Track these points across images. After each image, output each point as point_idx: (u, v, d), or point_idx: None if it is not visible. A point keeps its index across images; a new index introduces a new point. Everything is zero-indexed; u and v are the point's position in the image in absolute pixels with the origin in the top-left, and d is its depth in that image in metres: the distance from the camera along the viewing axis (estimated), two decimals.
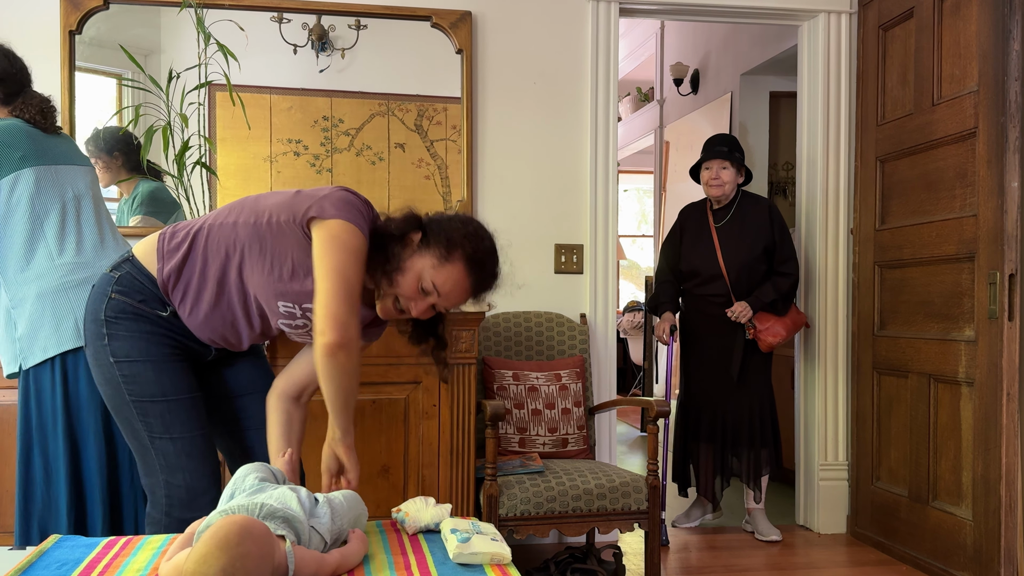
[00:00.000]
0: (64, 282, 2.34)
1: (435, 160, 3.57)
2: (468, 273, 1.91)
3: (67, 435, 2.34)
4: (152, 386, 1.96)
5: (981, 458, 2.99)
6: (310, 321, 1.91)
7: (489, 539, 1.68)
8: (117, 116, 3.35)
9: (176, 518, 2.00)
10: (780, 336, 3.61)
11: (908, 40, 3.45)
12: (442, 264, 1.89)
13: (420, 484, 2.92)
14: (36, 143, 2.38)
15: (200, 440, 2.01)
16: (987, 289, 2.96)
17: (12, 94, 2.42)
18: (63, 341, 2.32)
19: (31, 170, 2.33)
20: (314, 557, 1.52)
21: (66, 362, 2.33)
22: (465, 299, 1.96)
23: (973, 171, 3.06)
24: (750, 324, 3.62)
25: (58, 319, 2.32)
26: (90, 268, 2.38)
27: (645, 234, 9.90)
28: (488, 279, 1.98)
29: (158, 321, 1.98)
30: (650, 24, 6.64)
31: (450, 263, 1.89)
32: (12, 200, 2.32)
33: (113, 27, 3.33)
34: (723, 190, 3.69)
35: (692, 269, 3.76)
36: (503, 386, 3.24)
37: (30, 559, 1.63)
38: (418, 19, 3.53)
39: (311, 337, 1.92)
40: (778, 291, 3.63)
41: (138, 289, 1.97)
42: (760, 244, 3.67)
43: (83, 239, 2.42)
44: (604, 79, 3.66)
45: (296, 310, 1.94)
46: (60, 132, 2.53)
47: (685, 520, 3.92)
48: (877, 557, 3.50)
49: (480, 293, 1.98)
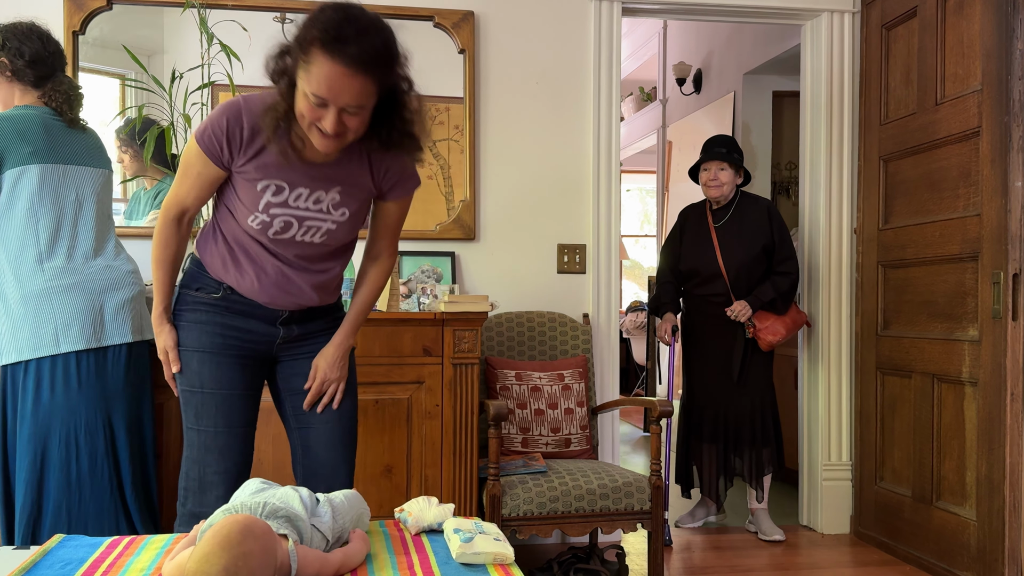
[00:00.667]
0: (49, 287, 2.32)
1: (438, 160, 3.57)
2: (332, 57, 1.66)
3: (33, 440, 2.33)
4: (193, 376, 2.02)
5: (985, 458, 2.99)
6: (270, 220, 1.92)
7: (492, 539, 1.68)
8: (120, 116, 3.35)
9: (188, 511, 2.03)
10: (780, 335, 3.63)
11: (911, 39, 3.45)
12: (307, 70, 1.69)
13: (423, 484, 2.92)
14: (51, 139, 2.37)
15: (224, 437, 2.02)
16: (991, 289, 2.95)
17: (43, 77, 2.43)
18: (39, 346, 2.31)
19: (37, 167, 2.33)
20: (317, 556, 1.52)
21: (41, 368, 2.32)
22: (361, 85, 1.70)
23: (977, 170, 3.05)
24: (750, 323, 3.63)
25: (38, 324, 2.31)
26: (78, 275, 2.37)
27: (648, 234, 9.90)
28: (363, 48, 1.68)
29: (217, 306, 2.02)
30: (652, 24, 6.64)
31: (312, 63, 1.68)
32: (14, 194, 2.31)
33: (116, 27, 3.34)
34: (721, 191, 3.70)
35: (692, 269, 3.77)
36: (506, 386, 3.24)
37: (34, 558, 1.63)
38: (420, 19, 3.54)
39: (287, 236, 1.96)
40: (777, 290, 3.64)
41: (194, 277, 2.05)
42: (759, 244, 3.68)
43: (76, 246, 2.40)
44: (607, 79, 3.66)
45: (258, 217, 1.93)
46: (85, 128, 2.52)
47: (689, 520, 3.92)
48: (880, 557, 3.50)
49: (370, 67, 1.70)
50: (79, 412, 2.35)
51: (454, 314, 2.88)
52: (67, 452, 2.34)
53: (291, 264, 2.01)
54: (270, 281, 2.01)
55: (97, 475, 2.38)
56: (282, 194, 1.91)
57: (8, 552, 1.80)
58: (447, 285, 3.37)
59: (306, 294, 2.05)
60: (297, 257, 2.00)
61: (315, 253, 2.02)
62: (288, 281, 2.02)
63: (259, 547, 1.36)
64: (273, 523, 1.49)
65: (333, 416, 2.12)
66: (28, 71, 2.40)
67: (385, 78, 1.76)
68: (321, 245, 2.00)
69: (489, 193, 3.61)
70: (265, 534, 1.39)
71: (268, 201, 1.90)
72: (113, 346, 2.42)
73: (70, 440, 2.34)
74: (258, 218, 1.92)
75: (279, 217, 1.92)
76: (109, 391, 2.41)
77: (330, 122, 1.73)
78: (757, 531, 3.76)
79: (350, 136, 1.80)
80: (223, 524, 1.38)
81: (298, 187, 1.91)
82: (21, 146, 2.30)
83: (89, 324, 2.36)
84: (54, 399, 2.33)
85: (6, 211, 2.32)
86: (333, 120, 1.73)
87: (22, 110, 2.37)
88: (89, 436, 2.37)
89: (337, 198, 1.96)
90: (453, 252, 3.54)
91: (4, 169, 2.30)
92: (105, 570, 1.58)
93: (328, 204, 1.95)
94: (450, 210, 3.57)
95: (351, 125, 1.76)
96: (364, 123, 1.79)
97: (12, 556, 1.76)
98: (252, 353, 2.08)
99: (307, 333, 2.13)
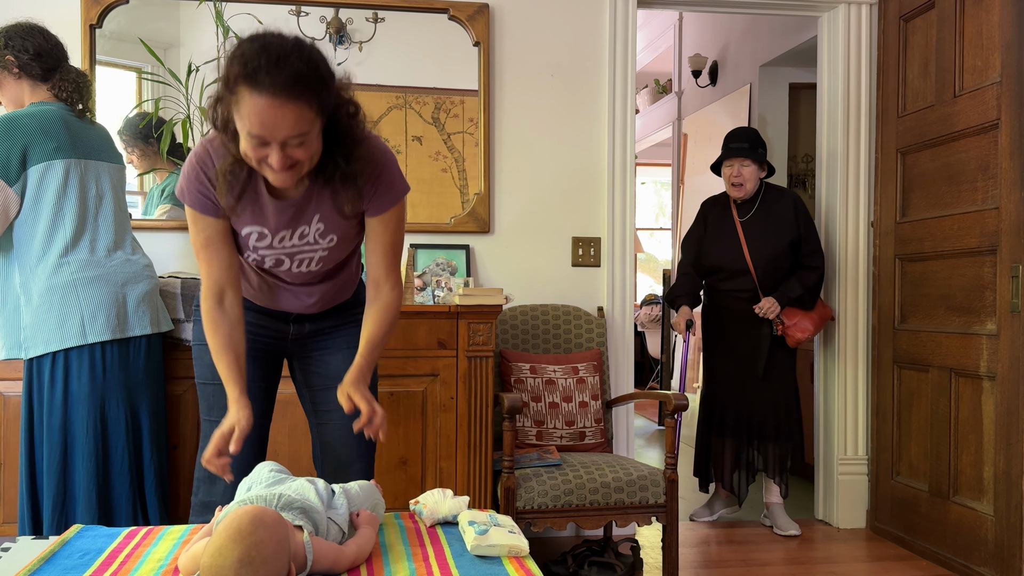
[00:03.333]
0: (75, 279, 2.36)
1: (452, 153, 3.57)
2: (257, 90, 1.57)
3: (60, 431, 2.37)
4: (206, 369, 2.04)
5: (1003, 453, 2.97)
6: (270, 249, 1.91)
7: (507, 531, 1.69)
8: (137, 109, 3.36)
9: (200, 501, 2.06)
10: (808, 331, 3.58)
11: (929, 31, 3.42)
12: (239, 110, 1.61)
13: (438, 476, 2.93)
14: (72, 134, 2.41)
15: None
16: (1009, 282, 2.93)
17: (50, 69, 2.47)
18: (66, 338, 2.35)
19: (62, 162, 2.36)
20: (332, 548, 1.53)
21: (69, 358, 2.36)
22: (294, 113, 1.59)
23: (995, 163, 3.02)
24: (778, 320, 3.57)
25: (64, 315, 2.34)
26: (101, 267, 2.41)
27: (663, 227, 9.87)
28: (285, 74, 1.56)
29: None
30: (668, 16, 6.60)
31: (241, 102, 1.59)
32: (40, 189, 2.35)
33: (133, 21, 3.35)
34: (744, 189, 3.64)
35: (716, 264, 3.71)
36: (520, 379, 3.25)
37: (52, 548, 1.64)
38: (435, 12, 3.53)
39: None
40: (804, 285, 3.58)
41: None
42: (786, 238, 3.62)
43: (98, 239, 2.45)
44: (622, 71, 3.65)
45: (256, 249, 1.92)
46: (94, 121, 2.56)
47: (705, 513, 3.90)
48: (897, 552, 3.48)
49: (297, 93, 1.58)
50: (104, 402, 2.40)
51: (469, 307, 2.89)
52: (94, 442, 2.38)
53: (295, 284, 2.02)
54: (274, 295, 2.04)
55: (120, 464, 2.42)
56: (265, 239, 1.88)
57: (27, 542, 1.82)
58: (462, 278, 3.37)
59: (316, 302, 2.06)
60: (297, 279, 2.01)
61: (315, 275, 2.01)
62: (294, 296, 2.04)
63: (270, 535, 1.37)
64: (288, 514, 1.49)
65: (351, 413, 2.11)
66: (34, 64, 2.44)
67: (319, 101, 1.63)
68: (318, 271, 2.00)
69: (504, 186, 3.61)
70: (276, 522, 1.40)
71: (255, 245, 1.90)
72: (135, 337, 2.47)
73: (96, 430, 2.39)
74: (251, 256, 1.94)
75: (269, 256, 1.92)
76: (132, 381, 2.46)
77: (276, 159, 1.63)
78: (772, 525, 3.74)
79: (305, 167, 1.71)
80: (233, 516, 1.39)
81: (280, 231, 1.87)
82: (45, 142, 2.34)
83: (114, 315, 2.41)
84: (80, 389, 2.37)
85: (33, 206, 2.36)
86: (279, 157, 1.63)
87: (40, 106, 2.41)
88: (114, 426, 2.41)
89: (321, 227, 1.89)
90: (468, 245, 3.54)
91: (29, 165, 2.33)
92: (123, 561, 1.59)
93: (314, 235, 1.90)
94: (464, 203, 3.57)
95: (300, 157, 1.66)
96: (314, 150, 1.70)
97: (31, 546, 1.78)
98: (265, 347, 2.09)
99: (319, 330, 2.13)
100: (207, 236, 1.86)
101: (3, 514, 2.72)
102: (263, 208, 1.83)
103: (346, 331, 2.13)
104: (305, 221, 1.87)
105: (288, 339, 2.11)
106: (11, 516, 2.69)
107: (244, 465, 2.00)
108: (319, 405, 2.14)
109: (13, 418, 2.71)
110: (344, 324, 2.13)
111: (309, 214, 1.87)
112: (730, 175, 3.66)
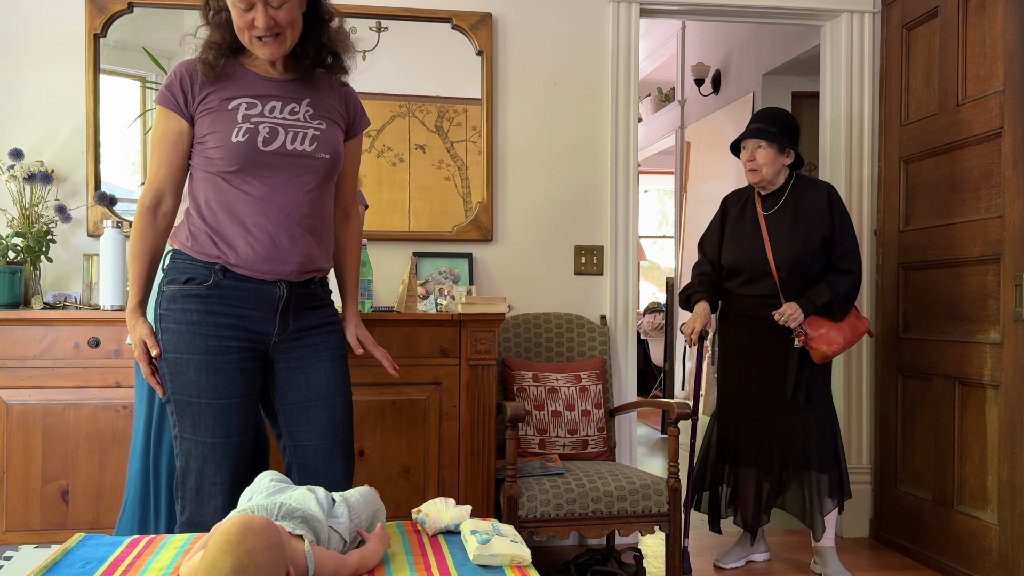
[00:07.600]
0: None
1: (455, 161, 3.58)
2: None
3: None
4: (191, 385, 1.95)
5: (1007, 462, 2.96)
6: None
7: (509, 541, 1.68)
8: (141, 119, 3.38)
9: (187, 520, 1.99)
10: (836, 344, 3.06)
11: (932, 39, 3.42)
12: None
13: (440, 485, 2.93)
14: None
15: (223, 447, 1.96)
16: (1013, 291, 2.92)
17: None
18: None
19: None
20: (333, 557, 1.53)
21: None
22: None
23: (999, 172, 3.02)
24: (800, 330, 3.07)
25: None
26: None
27: (666, 235, 9.87)
28: None
29: (211, 297, 1.95)
30: (671, 24, 6.62)
31: None
32: None
33: (137, 30, 3.37)
34: (760, 175, 3.17)
35: (735, 265, 3.23)
36: (523, 387, 3.24)
37: (55, 557, 1.64)
38: (439, 21, 3.54)
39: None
40: (834, 291, 3.06)
41: (182, 269, 1.98)
42: (817, 236, 3.10)
43: None
44: (624, 80, 3.66)
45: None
46: None
47: (731, 559, 3.39)
48: (901, 561, 3.47)
49: None
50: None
51: (471, 315, 2.89)
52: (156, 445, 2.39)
53: (262, 198, 1.97)
54: (255, 238, 1.96)
55: (170, 467, 2.39)
56: (256, 107, 1.98)
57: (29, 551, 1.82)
58: (464, 286, 3.37)
59: (299, 247, 1.99)
60: (294, 171, 1.99)
61: (302, 188, 1.99)
62: (288, 238, 1.98)
63: (260, 541, 1.36)
64: (288, 524, 1.49)
65: (330, 432, 2.07)
66: None
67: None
68: (312, 160, 2.00)
69: (507, 194, 3.61)
70: (264, 528, 1.39)
71: (245, 113, 1.96)
72: None
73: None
74: (242, 129, 1.94)
75: (263, 124, 1.96)
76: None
77: (261, 18, 1.89)
78: (822, 574, 3.23)
79: (288, 40, 1.95)
80: (222, 528, 1.38)
81: (269, 100, 2.00)
82: None
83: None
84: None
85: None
86: (263, 16, 1.89)
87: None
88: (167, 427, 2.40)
89: (310, 111, 2.04)
90: (470, 253, 3.54)
91: None
92: (124, 570, 1.59)
93: (304, 115, 2.03)
94: (467, 211, 3.57)
95: (281, 20, 1.91)
96: (295, 23, 1.95)
97: (33, 555, 1.78)
98: (249, 350, 1.99)
99: (302, 329, 2.05)
100: (163, 131, 2.00)
101: (6, 523, 2.72)
102: (248, 81, 2.01)
103: (326, 336, 2.10)
104: (294, 100, 2.03)
105: (272, 337, 2.02)
106: (13, 524, 2.69)
107: (232, 483, 1.98)
108: (296, 425, 2.06)
109: (15, 425, 2.71)
110: (323, 325, 2.09)
111: (297, 94, 2.04)
112: (744, 158, 3.22)
